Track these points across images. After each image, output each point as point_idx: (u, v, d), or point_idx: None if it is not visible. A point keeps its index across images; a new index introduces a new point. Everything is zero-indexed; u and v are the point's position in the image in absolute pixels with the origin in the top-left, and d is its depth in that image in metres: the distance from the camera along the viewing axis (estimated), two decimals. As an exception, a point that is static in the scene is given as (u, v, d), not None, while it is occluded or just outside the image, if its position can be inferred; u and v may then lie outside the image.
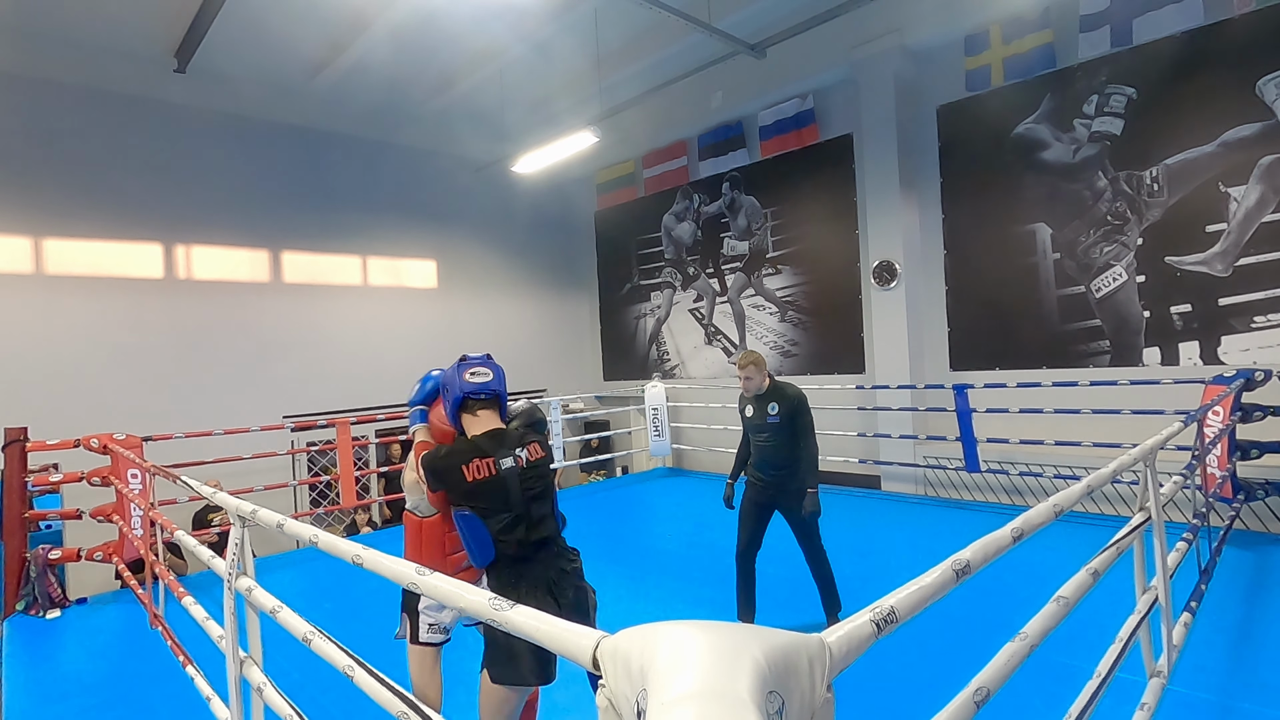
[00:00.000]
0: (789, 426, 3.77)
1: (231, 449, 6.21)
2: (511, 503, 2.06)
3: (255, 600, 1.99)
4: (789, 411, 3.77)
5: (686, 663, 0.74)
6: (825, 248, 7.97)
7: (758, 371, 3.82)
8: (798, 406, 3.78)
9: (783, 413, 3.78)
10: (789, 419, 3.77)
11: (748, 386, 3.84)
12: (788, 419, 3.77)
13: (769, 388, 3.86)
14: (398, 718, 1.47)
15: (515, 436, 2.13)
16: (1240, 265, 5.35)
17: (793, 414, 3.77)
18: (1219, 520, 4.39)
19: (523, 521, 2.08)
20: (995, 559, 1.33)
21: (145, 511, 4.40)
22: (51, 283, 6.56)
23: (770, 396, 3.82)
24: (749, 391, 3.86)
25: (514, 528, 2.07)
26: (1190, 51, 5.46)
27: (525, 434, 2.15)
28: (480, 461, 2.05)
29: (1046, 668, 2.84)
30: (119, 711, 3.29)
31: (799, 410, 3.78)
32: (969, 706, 1.23)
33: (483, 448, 2.08)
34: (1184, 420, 2.84)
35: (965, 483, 6.53)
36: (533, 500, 2.10)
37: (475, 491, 2.05)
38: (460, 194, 9.69)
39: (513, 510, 2.06)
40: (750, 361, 3.83)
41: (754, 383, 3.82)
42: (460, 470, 2.04)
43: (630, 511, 7.10)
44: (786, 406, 3.77)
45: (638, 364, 10.35)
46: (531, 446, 2.13)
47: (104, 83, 6.86)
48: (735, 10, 6.89)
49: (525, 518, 2.08)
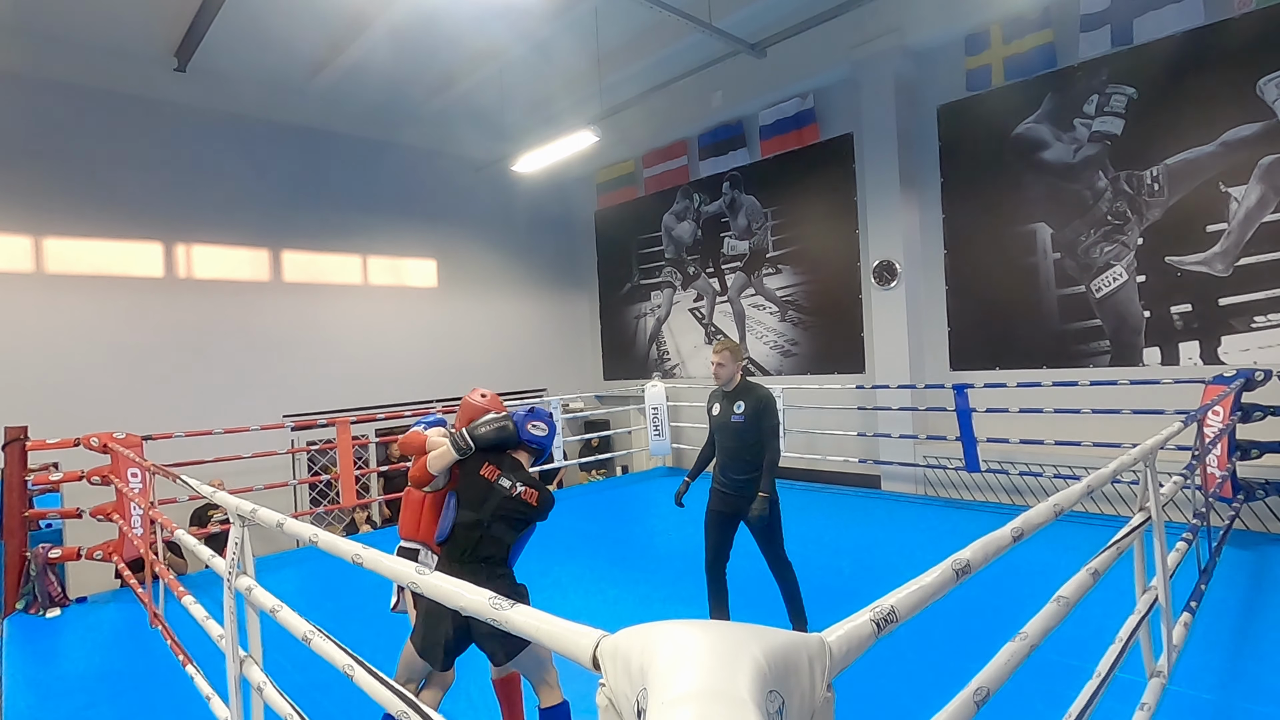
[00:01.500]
0: (754, 428, 3.55)
1: (231, 448, 6.21)
2: (482, 510, 2.43)
3: (255, 599, 1.99)
4: (755, 412, 3.55)
5: (687, 662, 0.74)
6: (825, 247, 7.97)
7: (731, 360, 3.64)
8: (765, 408, 3.55)
9: (748, 412, 3.56)
10: (754, 420, 3.54)
11: (718, 374, 3.66)
12: (753, 419, 3.55)
13: (739, 384, 3.67)
14: (397, 717, 1.47)
15: (524, 477, 2.50)
16: (1240, 265, 5.35)
17: (759, 415, 3.54)
18: (1219, 520, 4.39)
19: (479, 529, 2.43)
20: (995, 559, 1.33)
21: (145, 510, 4.40)
22: (51, 282, 6.56)
23: (738, 394, 3.63)
24: (719, 381, 3.69)
25: (471, 529, 2.43)
26: (1191, 51, 5.46)
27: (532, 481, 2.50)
28: (491, 468, 2.49)
29: (1046, 668, 2.84)
30: (119, 710, 3.29)
31: (765, 412, 3.55)
32: (969, 706, 1.23)
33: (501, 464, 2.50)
34: (1184, 420, 2.84)
35: (965, 482, 6.53)
36: (497, 521, 2.43)
37: (471, 482, 2.47)
38: (460, 194, 9.69)
39: (479, 515, 2.43)
40: (725, 348, 3.66)
41: (725, 371, 3.64)
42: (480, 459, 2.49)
43: (630, 511, 7.10)
44: (753, 406, 3.56)
45: (638, 363, 10.35)
46: (528, 491, 2.47)
47: (104, 83, 6.86)
48: (735, 10, 6.89)
49: (482, 527, 2.43)
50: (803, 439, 7.73)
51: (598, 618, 2.44)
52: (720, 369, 3.65)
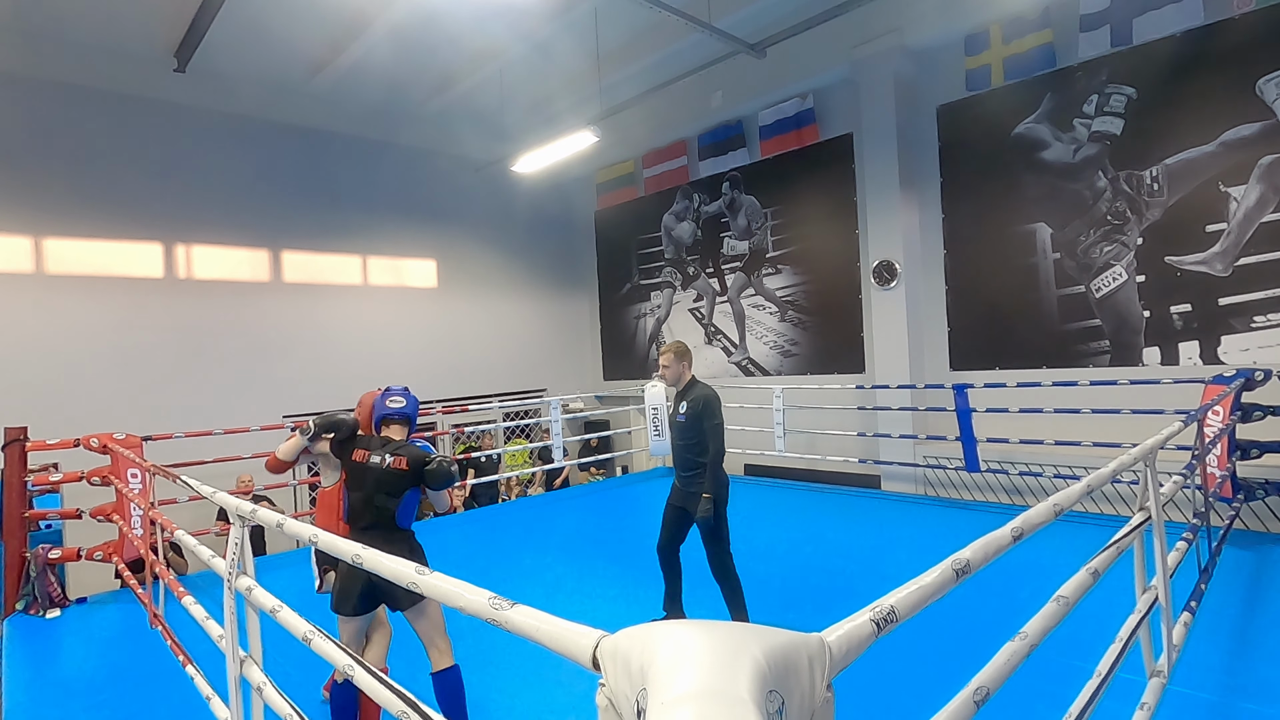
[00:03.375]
0: (695, 427, 3.63)
1: (231, 449, 6.21)
2: (365, 487, 2.75)
3: (255, 600, 1.99)
4: (695, 412, 3.64)
5: (687, 662, 0.74)
6: (825, 247, 7.98)
7: (675, 361, 3.74)
8: (705, 408, 3.62)
9: (689, 412, 3.66)
10: (696, 419, 3.63)
11: (664, 376, 3.78)
12: (694, 419, 3.63)
13: (687, 385, 3.76)
14: (398, 717, 1.47)
15: (394, 448, 2.79)
16: (1240, 265, 5.35)
17: (699, 415, 3.62)
18: (1219, 520, 4.39)
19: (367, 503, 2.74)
20: (995, 559, 1.33)
21: (145, 511, 4.40)
22: (51, 282, 6.56)
23: (684, 394, 3.74)
24: (667, 382, 3.80)
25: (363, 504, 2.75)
26: (1190, 51, 5.46)
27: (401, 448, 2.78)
28: (361, 452, 2.80)
29: (1046, 668, 2.83)
30: (119, 711, 3.29)
31: (706, 412, 3.62)
32: (969, 706, 1.23)
33: (370, 445, 2.82)
34: (1184, 420, 2.84)
35: (965, 482, 6.53)
36: (379, 493, 2.73)
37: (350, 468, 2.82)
38: (460, 194, 9.69)
39: (364, 492, 2.74)
40: (669, 349, 3.76)
41: (671, 372, 3.75)
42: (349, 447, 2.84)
43: (630, 511, 7.09)
44: (694, 406, 3.64)
45: (638, 363, 10.35)
46: (398, 460, 2.74)
47: (104, 83, 6.86)
48: (735, 10, 6.89)
49: (368, 501, 2.74)
50: (803, 439, 7.73)
51: (597, 618, 2.44)
52: (666, 370, 3.77)
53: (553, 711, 3.04)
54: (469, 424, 9.19)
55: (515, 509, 7.49)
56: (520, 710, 3.06)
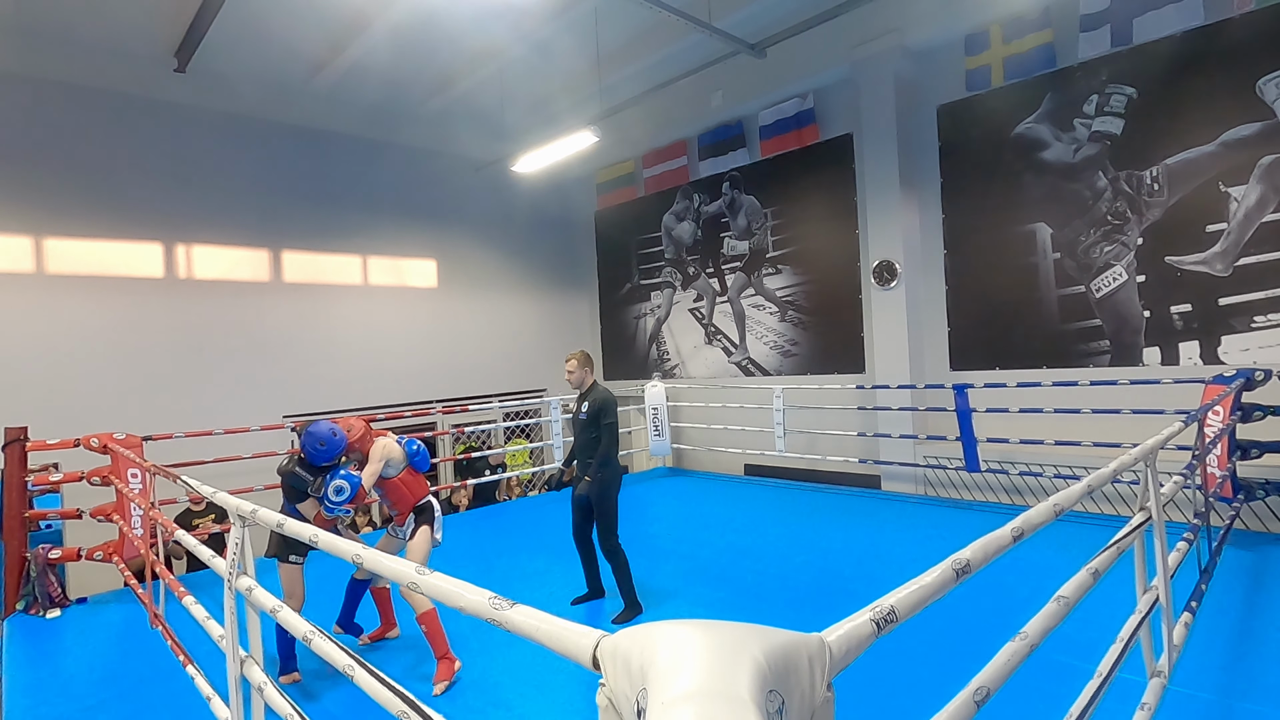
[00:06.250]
0: (594, 424, 4.10)
1: (232, 449, 6.21)
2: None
3: (255, 600, 1.99)
4: (593, 411, 4.11)
5: (687, 662, 0.74)
6: (825, 247, 7.97)
7: (579, 367, 4.21)
8: (602, 408, 4.10)
9: (589, 411, 4.13)
10: (594, 417, 4.11)
11: (569, 380, 4.23)
12: (592, 417, 4.11)
13: (589, 388, 4.21)
14: (398, 717, 1.47)
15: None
16: (1240, 265, 5.35)
17: (597, 414, 4.10)
18: (1219, 520, 4.39)
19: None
20: (995, 559, 1.33)
21: (145, 511, 4.40)
22: (51, 282, 6.56)
23: (585, 395, 4.19)
24: (571, 385, 4.26)
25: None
26: (1190, 51, 5.46)
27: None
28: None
29: (1046, 668, 2.84)
30: (119, 711, 3.29)
31: (603, 411, 4.10)
32: (969, 706, 1.23)
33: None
34: (1184, 420, 2.84)
35: (965, 482, 6.53)
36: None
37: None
38: (460, 194, 9.69)
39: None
40: (574, 356, 4.24)
41: (575, 376, 4.21)
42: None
43: (630, 511, 7.08)
44: (593, 407, 4.12)
45: (638, 364, 10.35)
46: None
47: (104, 83, 6.86)
48: (735, 10, 6.88)
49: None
50: (803, 439, 7.73)
51: (598, 618, 2.44)
52: (570, 375, 4.23)
53: (553, 711, 3.04)
54: (469, 424, 9.18)
55: (515, 509, 7.50)
56: (520, 710, 3.06)
